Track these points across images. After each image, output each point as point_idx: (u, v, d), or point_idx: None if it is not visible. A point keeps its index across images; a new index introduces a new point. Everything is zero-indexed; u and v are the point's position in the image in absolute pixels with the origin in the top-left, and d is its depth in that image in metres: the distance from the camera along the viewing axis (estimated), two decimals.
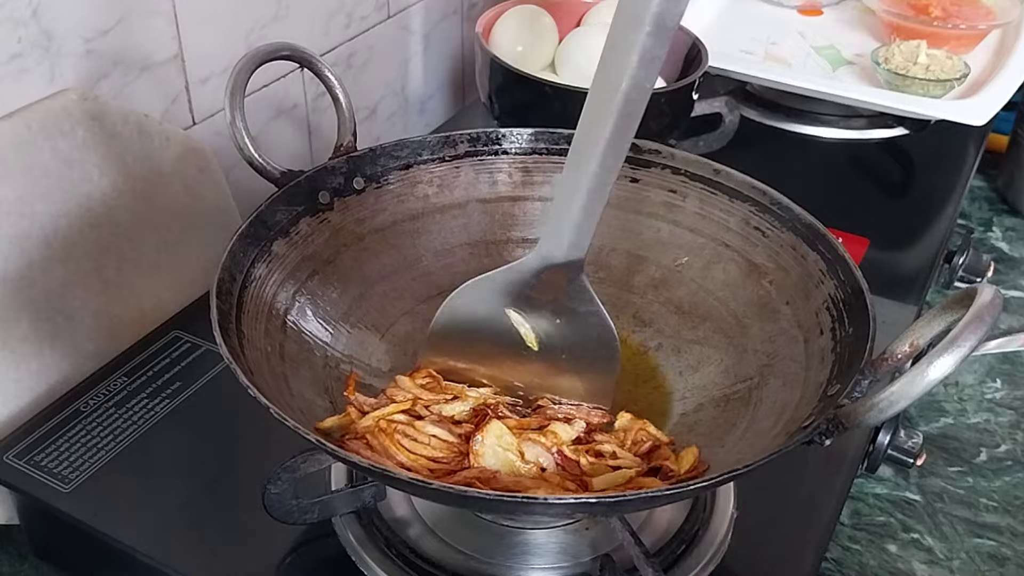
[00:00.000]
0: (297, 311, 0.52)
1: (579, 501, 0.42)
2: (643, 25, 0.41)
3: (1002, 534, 0.64)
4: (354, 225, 0.56)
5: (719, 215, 0.58)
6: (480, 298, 0.51)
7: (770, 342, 0.53)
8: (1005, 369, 0.77)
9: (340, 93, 0.56)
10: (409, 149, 0.58)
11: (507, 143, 0.60)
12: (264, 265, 0.51)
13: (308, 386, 0.50)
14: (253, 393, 0.41)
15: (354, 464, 0.42)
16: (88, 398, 0.60)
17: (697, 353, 0.56)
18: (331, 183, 0.55)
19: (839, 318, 0.50)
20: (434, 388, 0.52)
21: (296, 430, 0.40)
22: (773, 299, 0.55)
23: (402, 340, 0.56)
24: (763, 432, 0.48)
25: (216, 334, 0.44)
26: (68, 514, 0.53)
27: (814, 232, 0.54)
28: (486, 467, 0.47)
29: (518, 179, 0.61)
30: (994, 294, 0.40)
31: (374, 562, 0.50)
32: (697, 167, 0.58)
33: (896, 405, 0.39)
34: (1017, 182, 0.96)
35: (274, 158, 0.54)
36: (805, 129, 0.92)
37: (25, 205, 0.58)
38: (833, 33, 0.98)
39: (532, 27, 0.79)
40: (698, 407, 0.54)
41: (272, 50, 0.53)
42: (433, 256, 0.59)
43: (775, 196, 0.56)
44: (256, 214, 0.51)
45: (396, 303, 0.57)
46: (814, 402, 0.47)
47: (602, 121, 0.43)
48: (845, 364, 0.47)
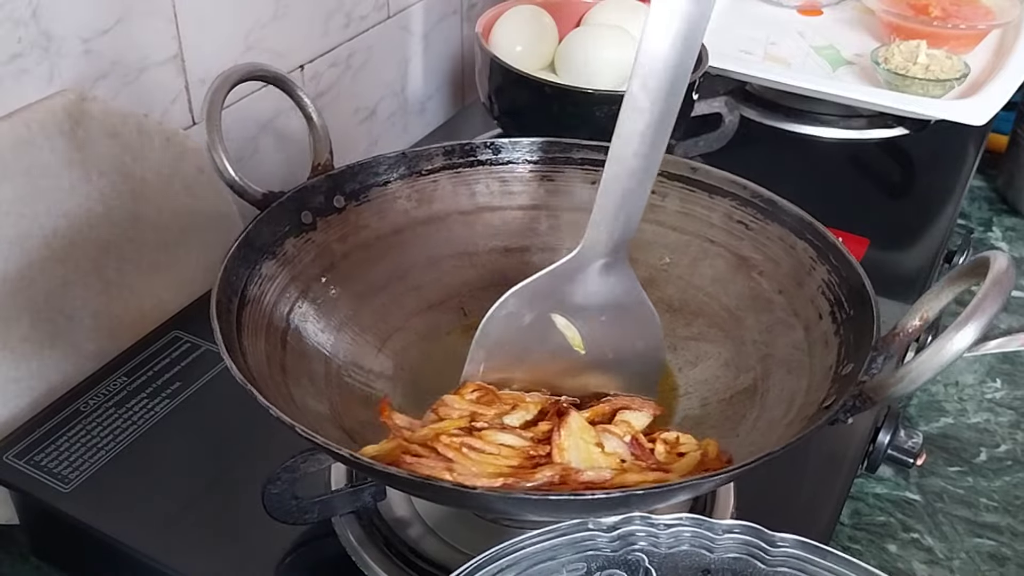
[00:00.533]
0: (292, 332, 0.52)
1: (580, 499, 0.41)
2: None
3: (1002, 534, 0.64)
4: (338, 243, 0.56)
5: (701, 212, 0.58)
6: (525, 306, 0.51)
7: (767, 332, 0.54)
8: (1005, 369, 0.77)
9: (313, 112, 0.56)
10: (386, 164, 0.58)
11: (481, 155, 0.60)
12: (256, 286, 0.51)
13: (311, 397, 0.50)
14: (264, 404, 0.41)
15: (354, 464, 0.42)
16: (88, 398, 0.60)
17: (694, 349, 0.56)
18: (312, 202, 0.55)
19: (837, 302, 0.51)
20: (490, 401, 0.50)
21: (304, 433, 0.40)
22: (765, 290, 0.55)
23: (398, 355, 0.56)
24: (775, 421, 0.49)
25: (222, 351, 0.44)
26: (68, 514, 0.53)
27: (800, 221, 0.55)
28: (569, 463, 0.46)
29: (496, 189, 0.61)
30: (1008, 260, 0.40)
31: (374, 562, 0.50)
32: (675, 167, 0.59)
33: (924, 376, 0.40)
34: (1017, 182, 0.96)
35: (277, 161, 0.54)
36: (805, 129, 0.92)
37: (25, 205, 0.58)
38: (833, 33, 0.98)
39: (532, 27, 0.79)
40: (703, 402, 0.54)
41: (245, 71, 0.53)
42: (419, 270, 0.59)
43: (756, 189, 0.57)
44: (244, 235, 0.51)
45: (387, 319, 0.57)
46: (826, 385, 0.47)
47: (638, 115, 0.44)
48: (853, 344, 0.48)
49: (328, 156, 0.56)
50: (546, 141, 0.60)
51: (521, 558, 0.39)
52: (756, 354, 0.54)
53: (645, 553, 0.40)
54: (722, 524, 0.39)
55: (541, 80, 0.74)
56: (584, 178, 0.61)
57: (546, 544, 0.39)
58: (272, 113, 0.76)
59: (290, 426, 0.41)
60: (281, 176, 0.77)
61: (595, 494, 0.40)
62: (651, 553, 0.40)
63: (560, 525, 0.39)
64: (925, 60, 0.85)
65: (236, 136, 0.74)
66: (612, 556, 0.40)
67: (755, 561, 0.39)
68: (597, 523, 0.40)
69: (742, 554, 0.39)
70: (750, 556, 0.39)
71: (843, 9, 1.02)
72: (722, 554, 0.39)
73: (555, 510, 0.43)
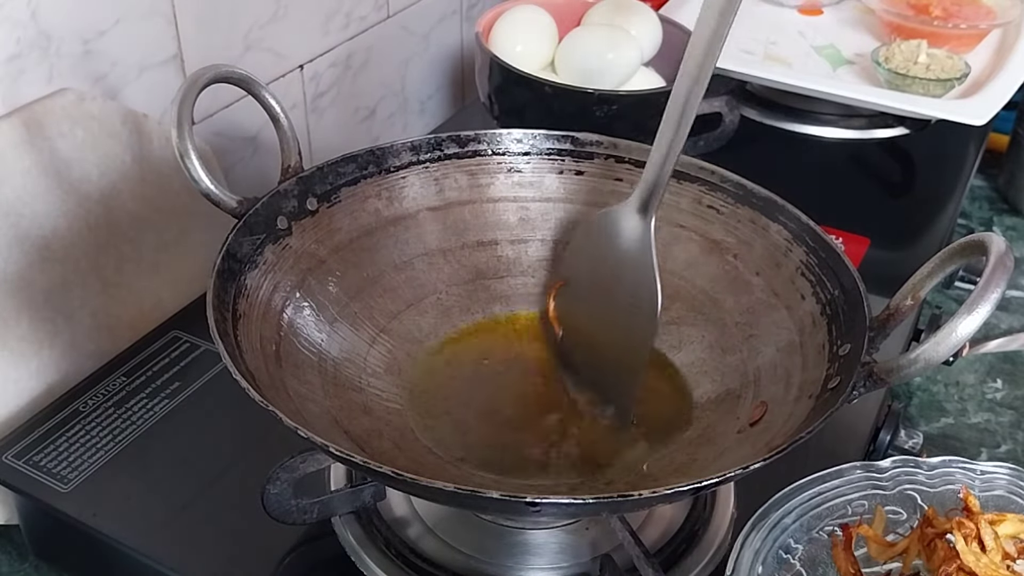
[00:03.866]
0: (285, 341, 0.52)
1: (579, 502, 0.41)
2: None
3: None
4: (314, 248, 0.55)
5: (669, 197, 0.58)
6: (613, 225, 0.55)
7: (749, 313, 0.54)
8: (1005, 369, 0.77)
9: (280, 113, 0.55)
10: (355, 164, 0.57)
11: (447, 148, 0.60)
12: (244, 300, 0.50)
13: (308, 399, 0.50)
14: (260, 401, 0.41)
15: (353, 464, 0.42)
16: (87, 398, 0.60)
17: (676, 333, 0.57)
18: (286, 207, 0.54)
19: (818, 282, 0.51)
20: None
21: (303, 433, 0.40)
22: (741, 272, 0.56)
23: (388, 355, 0.56)
24: (778, 399, 0.49)
25: (229, 366, 0.43)
26: (68, 514, 0.53)
27: (771, 204, 0.55)
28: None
29: (464, 183, 0.61)
30: (1004, 240, 0.42)
31: (374, 562, 0.50)
32: (640, 154, 0.59)
33: (936, 357, 0.41)
34: (1017, 182, 0.96)
35: (275, 158, 0.54)
36: (805, 129, 0.92)
37: (25, 205, 0.58)
38: (833, 33, 0.97)
39: (532, 27, 0.79)
40: (695, 384, 0.54)
41: (211, 76, 0.52)
42: (393, 270, 0.58)
43: (725, 174, 0.57)
44: (225, 249, 0.50)
45: (368, 322, 0.56)
46: (823, 363, 0.48)
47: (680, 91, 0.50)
48: (844, 324, 0.48)
49: (298, 158, 0.55)
50: (510, 132, 0.60)
51: (809, 497, 0.48)
52: (740, 335, 0.54)
53: (917, 492, 0.49)
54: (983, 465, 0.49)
55: (541, 80, 0.74)
56: (551, 168, 0.61)
57: (831, 484, 0.48)
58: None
59: (292, 428, 0.41)
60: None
61: (587, 498, 0.40)
62: (922, 492, 0.49)
63: (840, 468, 0.49)
64: (926, 60, 0.85)
65: (233, 139, 0.74)
66: (889, 495, 0.49)
67: (1015, 498, 0.48)
68: (871, 466, 0.49)
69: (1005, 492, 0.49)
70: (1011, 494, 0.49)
71: (843, 9, 1.02)
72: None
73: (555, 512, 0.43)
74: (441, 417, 0.53)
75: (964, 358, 0.77)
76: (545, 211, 0.61)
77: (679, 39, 0.81)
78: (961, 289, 0.80)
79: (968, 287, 0.77)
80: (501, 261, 0.60)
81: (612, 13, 0.80)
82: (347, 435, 0.49)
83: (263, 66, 0.74)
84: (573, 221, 0.61)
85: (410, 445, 0.51)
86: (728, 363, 0.54)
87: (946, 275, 0.46)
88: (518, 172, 0.61)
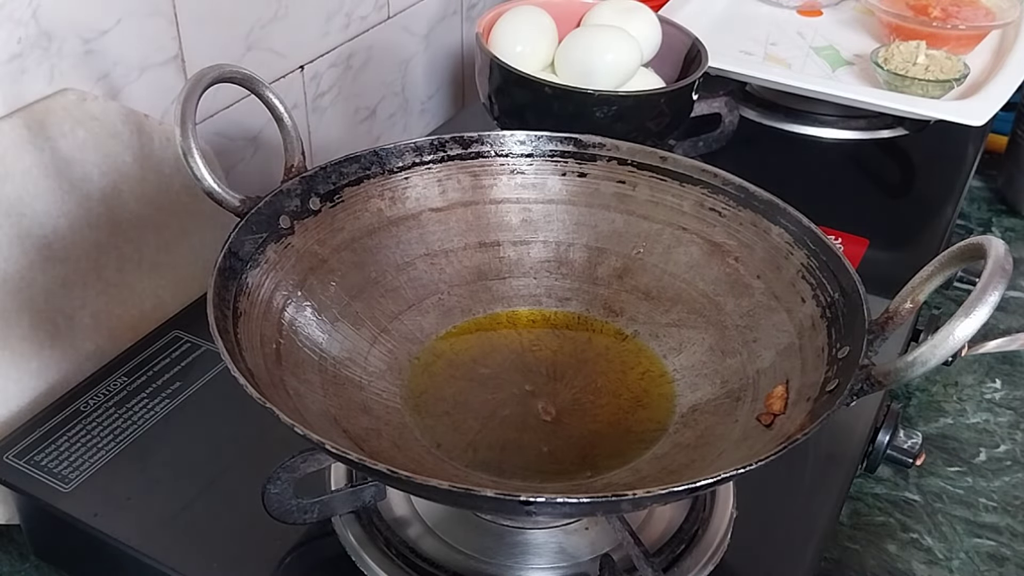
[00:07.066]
0: (285, 340, 0.52)
1: (573, 502, 0.42)
2: None
3: (1001, 534, 0.64)
4: (316, 247, 0.56)
5: (671, 200, 0.58)
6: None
7: (749, 316, 0.54)
8: (1005, 369, 0.77)
9: (284, 114, 0.55)
10: (358, 164, 0.58)
11: (451, 149, 0.60)
12: (245, 298, 0.50)
13: (309, 398, 0.50)
14: (259, 399, 0.41)
15: (353, 463, 0.42)
16: (88, 398, 0.60)
17: (676, 335, 0.57)
18: (289, 206, 0.54)
19: (819, 285, 0.51)
20: None
21: (304, 433, 0.41)
22: (742, 275, 0.56)
23: (389, 355, 0.56)
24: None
25: (228, 363, 0.43)
26: (68, 514, 0.53)
27: (773, 207, 0.55)
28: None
29: (467, 184, 0.61)
30: (1002, 244, 0.42)
31: (374, 562, 0.50)
32: (643, 156, 0.59)
33: (933, 360, 0.41)
34: (1016, 182, 0.96)
35: (275, 159, 0.54)
36: (805, 129, 0.92)
37: (26, 205, 0.58)
38: (832, 33, 0.98)
39: (532, 27, 0.79)
40: (694, 387, 0.54)
41: (216, 75, 0.52)
42: (395, 270, 0.58)
43: (727, 177, 0.57)
44: (227, 246, 0.50)
45: (370, 322, 0.56)
46: (821, 366, 0.48)
47: None
48: (843, 327, 0.48)
49: (301, 158, 0.55)
50: (513, 133, 0.61)
51: None
52: (740, 338, 0.54)
53: None
54: None
55: (541, 80, 0.74)
56: (554, 169, 0.61)
57: None
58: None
59: (289, 425, 0.41)
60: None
61: (581, 498, 0.40)
62: None
63: None
64: (925, 61, 0.85)
65: (234, 139, 0.74)
66: None
67: None
68: None
69: None
70: None
71: (843, 10, 1.02)
72: None
73: (550, 512, 0.43)
74: (441, 417, 0.53)
75: (963, 359, 0.77)
76: (548, 213, 0.61)
77: (679, 40, 0.81)
78: (960, 290, 0.80)
79: (967, 288, 0.77)
80: (503, 262, 0.61)
81: (612, 14, 0.80)
82: (346, 434, 0.49)
83: (264, 66, 0.74)
84: (575, 223, 0.61)
85: (410, 445, 0.51)
86: (728, 366, 0.54)
87: (945, 279, 0.45)
88: (521, 174, 0.61)
